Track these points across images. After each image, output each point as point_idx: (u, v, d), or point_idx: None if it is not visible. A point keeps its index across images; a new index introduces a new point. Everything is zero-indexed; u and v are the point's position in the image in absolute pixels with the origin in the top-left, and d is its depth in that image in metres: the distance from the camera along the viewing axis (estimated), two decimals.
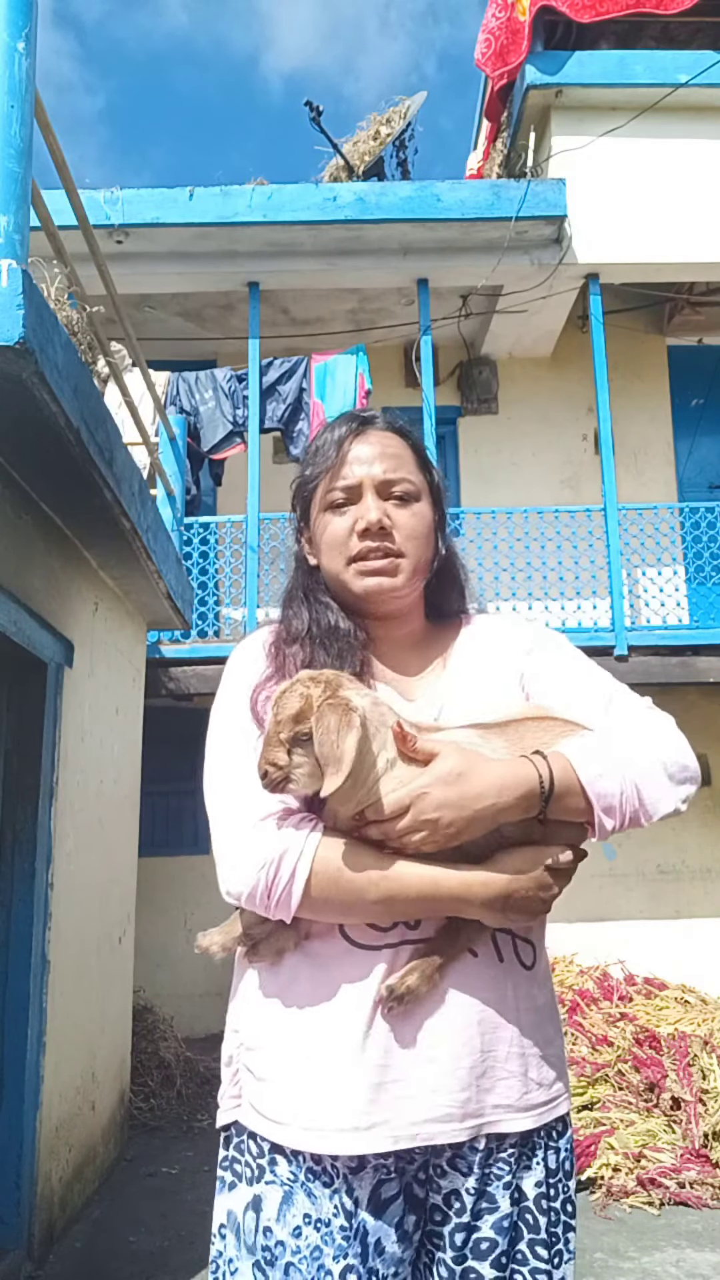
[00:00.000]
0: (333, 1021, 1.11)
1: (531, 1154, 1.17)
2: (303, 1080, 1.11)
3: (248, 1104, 1.17)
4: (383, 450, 1.27)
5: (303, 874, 1.08)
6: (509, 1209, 1.14)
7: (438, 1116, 1.10)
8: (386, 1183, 1.11)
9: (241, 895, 1.10)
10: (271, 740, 1.07)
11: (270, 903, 1.09)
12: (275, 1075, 1.13)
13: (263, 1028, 1.16)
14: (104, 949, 4.24)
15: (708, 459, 8.38)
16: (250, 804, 1.13)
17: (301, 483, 1.31)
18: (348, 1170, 1.10)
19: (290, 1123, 1.11)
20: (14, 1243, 3.14)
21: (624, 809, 1.12)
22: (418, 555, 1.27)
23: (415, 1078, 1.10)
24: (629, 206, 7.15)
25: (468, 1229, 1.13)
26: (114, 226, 6.69)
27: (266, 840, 1.09)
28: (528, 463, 8.21)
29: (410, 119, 7.91)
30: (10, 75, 2.47)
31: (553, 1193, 1.17)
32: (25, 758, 3.43)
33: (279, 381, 7.11)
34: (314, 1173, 1.11)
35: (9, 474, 2.99)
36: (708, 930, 7.30)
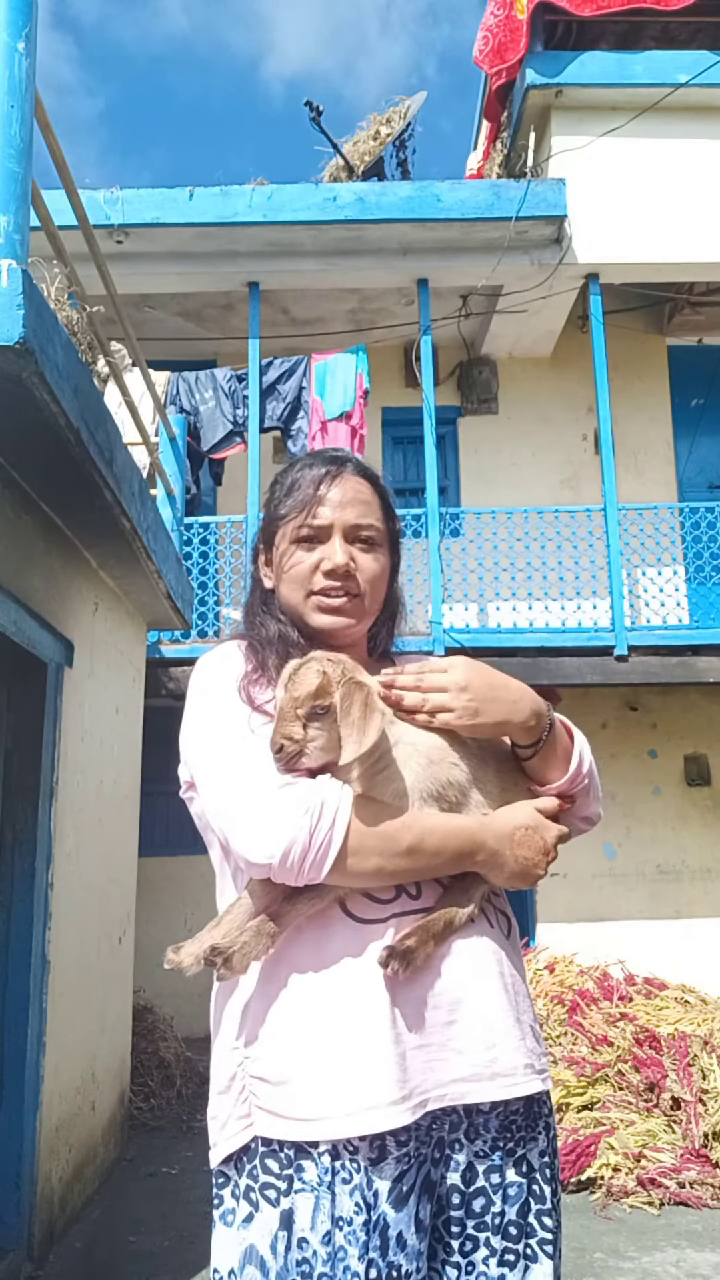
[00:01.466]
0: (346, 999, 1.12)
1: (535, 1123, 1.20)
2: (331, 1067, 1.10)
3: (266, 1115, 1.13)
4: (355, 496, 1.33)
5: (343, 820, 1.10)
6: (516, 1179, 1.17)
7: (466, 1076, 1.12)
8: (406, 1173, 1.11)
9: (278, 852, 1.08)
10: (287, 715, 1.10)
11: (310, 855, 1.08)
12: (297, 1072, 1.11)
13: (271, 1029, 1.14)
14: (104, 949, 4.25)
15: (708, 459, 8.38)
16: (268, 775, 1.14)
17: (273, 513, 1.37)
18: (368, 1162, 1.09)
19: (327, 1115, 1.09)
20: (14, 1243, 3.14)
21: (588, 780, 1.26)
22: (374, 597, 1.35)
23: (438, 1041, 1.12)
24: (629, 206, 7.15)
25: (486, 1196, 1.15)
26: (114, 226, 6.70)
27: (301, 794, 1.11)
28: (528, 463, 8.21)
29: (410, 119, 7.91)
30: (10, 75, 2.47)
31: (548, 1172, 1.21)
32: (25, 758, 3.43)
33: (279, 381, 7.12)
34: (336, 1171, 1.10)
35: (9, 474, 2.99)
36: (708, 930, 7.30)
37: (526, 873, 1.18)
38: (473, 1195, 1.16)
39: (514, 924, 1.29)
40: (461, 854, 1.15)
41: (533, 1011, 1.25)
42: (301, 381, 7.08)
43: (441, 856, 1.14)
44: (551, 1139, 1.24)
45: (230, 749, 1.20)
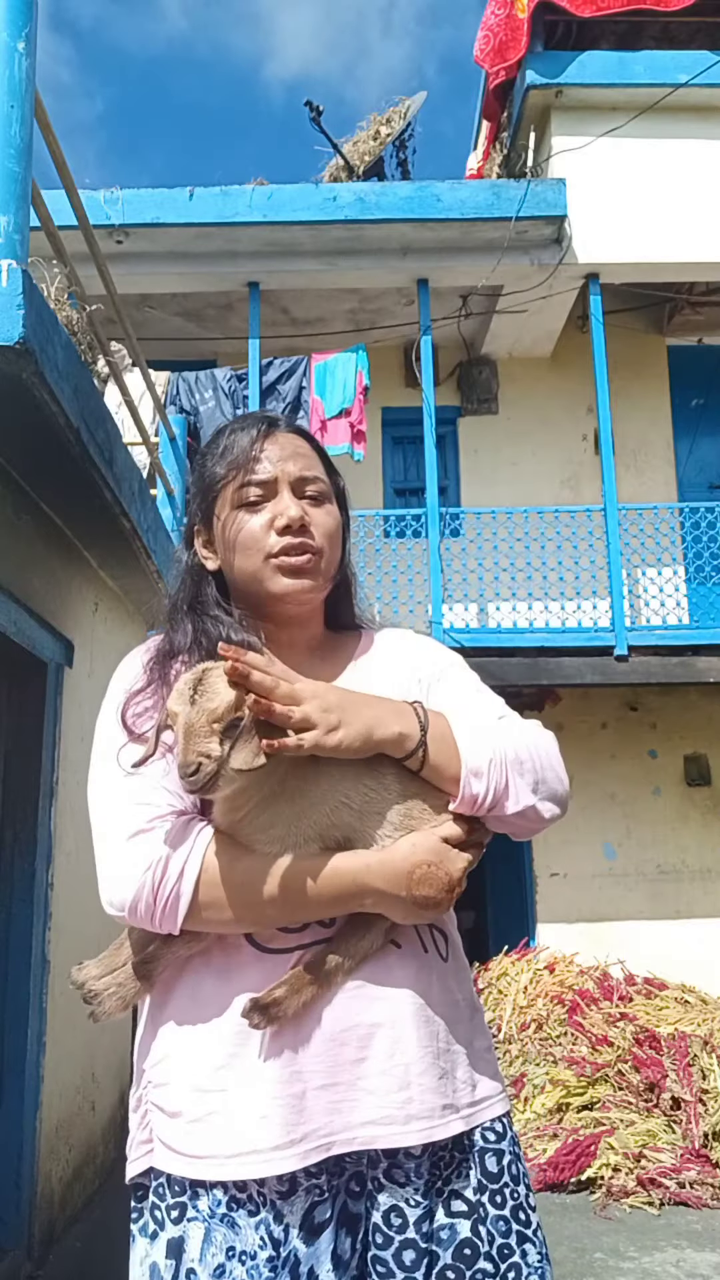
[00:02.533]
0: (244, 1034, 1.04)
1: (465, 1159, 1.10)
2: (218, 1104, 1.04)
3: (160, 1145, 1.07)
4: (295, 450, 1.24)
5: (192, 871, 1.02)
6: (446, 1220, 1.07)
7: (377, 1119, 1.04)
8: (320, 1205, 1.03)
9: (125, 903, 1.04)
10: (199, 730, 0.98)
11: (157, 908, 1.02)
12: (187, 1106, 1.05)
13: (168, 1055, 1.09)
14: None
15: (708, 459, 8.38)
16: (131, 811, 1.08)
17: (207, 482, 1.25)
18: (276, 1195, 1.02)
19: (212, 1154, 1.03)
20: (14, 1243, 3.14)
21: (492, 778, 1.09)
22: (331, 555, 1.25)
23: (346, 1080, 1.04)
24: (629, 206, 7.15)
25: (415, 1248, 1.05)
26: (114, 226, 6.70)
27: (152, 841, 1.05)
28: (528, 463, 8.21)
29: (410, 119, 7.92)
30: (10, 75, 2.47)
31: (499, 1199, 1.10)
32: (25, 758, 3.43)
33: (279, 381, 7.12)
34: (237, 1201, 1.03)
35: (9, 474, 2.99)
36: (708, 930, 7.30)
37: (427, 911, 1.07)
38: (402, 1246, 1.05)
39: (453, 940, 1.19)
40: (341, 899, 1.05)
41: (474, 1035, 1.16)
42: (301, 381, 7.08)
43: (316, 904, 1.05)
44: (500, 1170, 1.12)
45: (102, 782, 1.14)
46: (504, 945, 6.57)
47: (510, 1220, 1.10)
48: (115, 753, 1.13)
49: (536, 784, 1.12)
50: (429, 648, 1.33)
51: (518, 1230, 1.10)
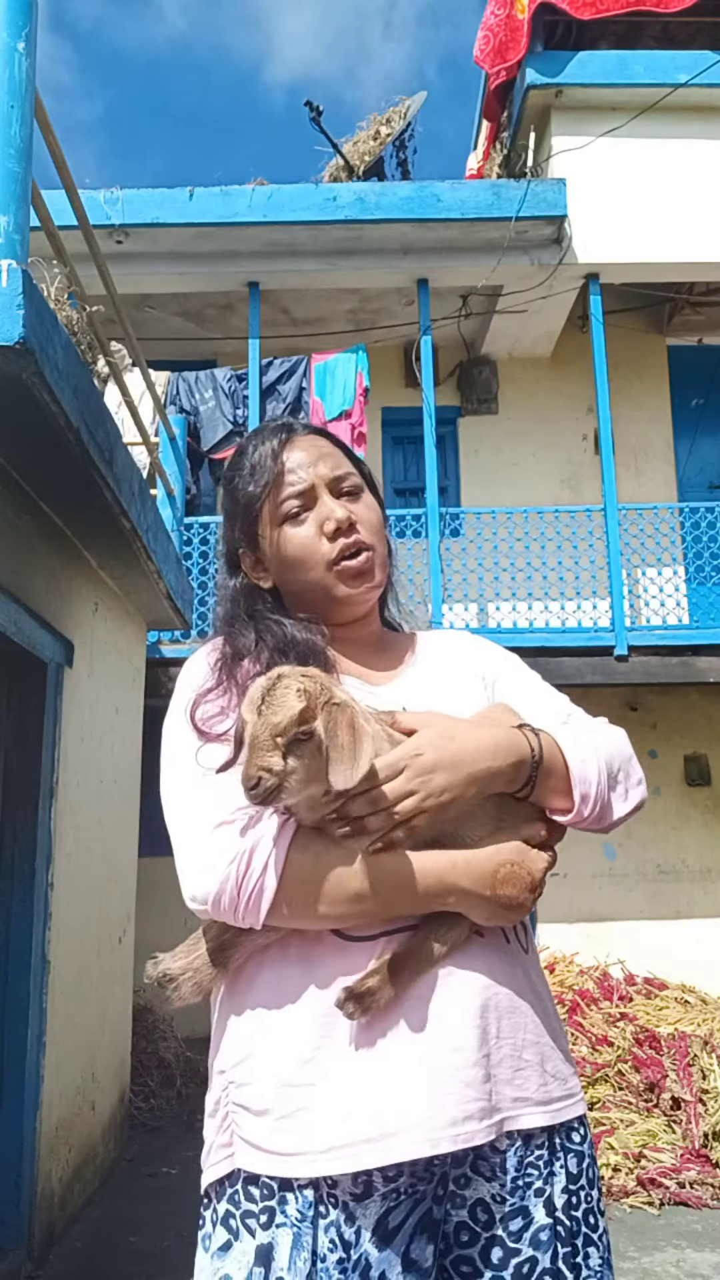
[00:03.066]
0: (328, 1026, 1.02)
1: (554, 1157, 1.08)
2: (306, 1099, 1.01)
3: (245, 1146, 1.04)
4: (320, 451, 1.23)
5: (276, 867, 1.00)
6: (546, 1220, 1.04)
7: (474, 1113, 1.01)
8: (394, 1210, 1.00)
9: (209, 897, 1.01)
10: (263, 745, 0.96)
11: (240, 902, 1.00)
12: (276, 1102, 1.02)
13: (252, 1053, 1.06)
14: (104, 949, 4.24)
15: (708, 459, 8.38)
16: (213, 807, 1.05)
17: (244, 504, 1.23)
18: (350, 1197, 1.00)
19: (302, 1151, 1.00)
20: (14, 1243, 3.14)
21: (597, 799, 1.11)
22: (381, 549, 1.24)
23: (446, 1071, 1.01)
24: (629, 206, 7.15)
25: (503, 1246, 1.03)
26: (114, 226, 6.70)
27: (235, 835, 1.02)
28: (528, 463, 8.21)
29: (410, 119, 7.91)
30: (10, 75, 2.47)
31: (574, 1201, 1.08)
32: (25, 758, 3.43)
33: (279, 381, 7.12)
34: (316, 1206, 1.00)
35: (9, 474, 2.99)
36: (708, 930, 7.30)
37: (511, 911, 1.06)
38: (489, 1243, 1.03)
39: (529, 933, 1.18)
40: (426, 897, 1.03)
41: (558, 1029, 1.14)
42: (301, 382, 7.08)
43: (400, 901, 1.03)
44: (579, 1172, 1.09)
45: (178, 782, 1.11)
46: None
47: (580, 1222, 1.08)
48: (192, 754, 1.10)
49: (628, 791, 1.15)
50: (484, 645, 1.33)
51: (585, 1233, 1.08)
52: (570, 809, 1.10)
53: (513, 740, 1.08)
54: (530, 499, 7.71)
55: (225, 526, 1.29)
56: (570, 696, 1.33)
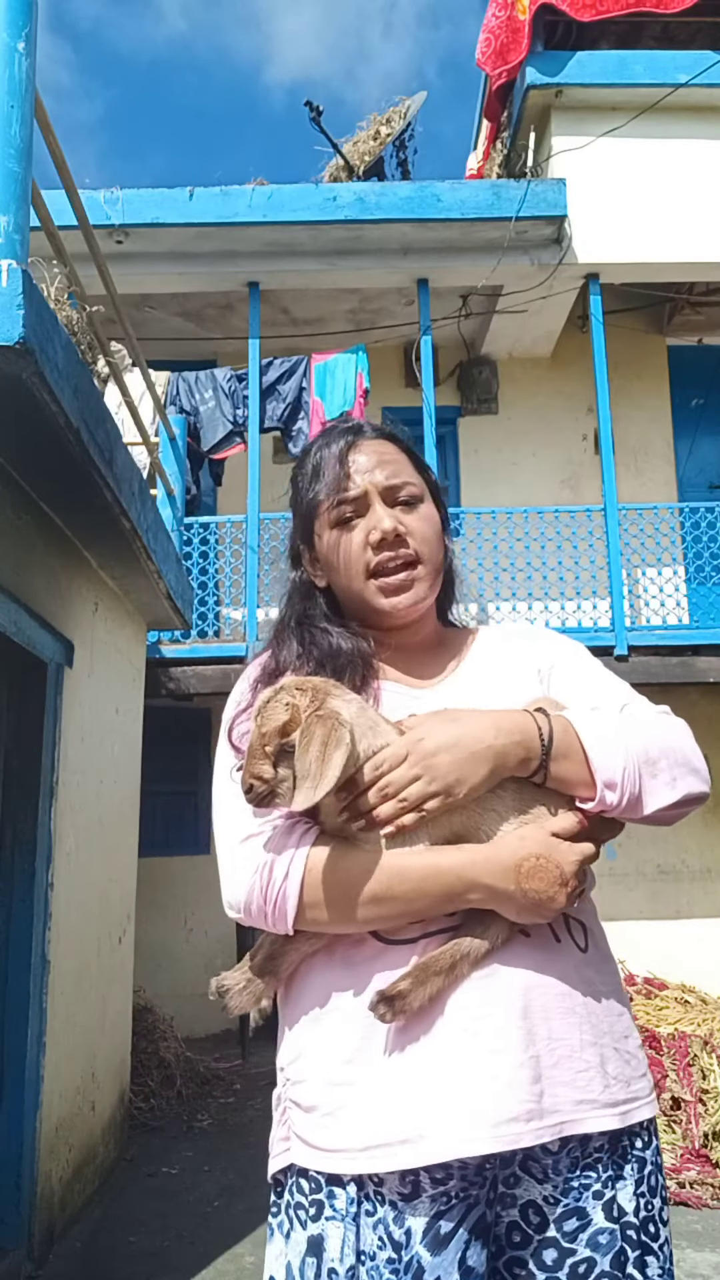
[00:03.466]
0: (368, 1027, 1.04)
1: (623, 1161, 1.06)
2: (348, 1097, 1.03)
3: (297, 1140, 1.08)
4: (380, 458, 1.23)
5: (296, 875, 1.03)
6: (607, 1224, 1.03)
7: (518, 1115, 1.00)
8: (445, 1215, 1.00)
9: (240, 905, 1.07)
10: (255, 753, 1.02)
11: (268, 909, 1.05)
12: (321, 1100, 1.05)
13: (302, 1053, 1.09)
14: (104, 949, 4.24)
15: (708, 459, 8.38)
16: (241, 820, 1.10)
17: (305, 506, 1.25)
18: (398, 1197, 1.00)
19: (344, 1147, 1.02)
20: (14, 1243, 3.14)
21: (626, 786, 1.06)
22: (434, 559, 1.24)
23: (486, 1072, 1.00)
24: (629, 206, 7.15)
25: (558, 1247, 1.02)
26: (114, 226, 6.69)
27: (259, 847, 1.07)
28: (528, 463, 8.21)
29: (410, 119, 7.91)
30: (10, 75, 2.47)
31: (638, 1207, 1.06)
32: (25, 758, 3.43)
33: (279, 381, 7.11)
34: (362, 1202, 1.02)
35: (9, 474, 2.99)
36: (708, 930, 7.30)
37: (541, 906, 1.02)
38: (542, 1245, 1.03)
39: (593, 931, 1.15)
40: (448, 896, 1.03)
41: (626, 1031, 1.13)
42: (302, 382, 7.08)
43: (422, 900, 1.03)
44: (650, 1175, 1.08)
45: (219, 795, 1.17)
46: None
47: (641, 1230, 1.06)
48: (229, 771, 1.16)
49: (674, 780, 1.09)
50: (544, 636, 1.31)
51: (644, 1242, 1.05)
52: (593, 796, 1.07)
53: (517, 721, 1.07)
54: (530, 499, 7.71)
55: (293, 520, 1.30)
56: None
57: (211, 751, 1.28)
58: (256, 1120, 4.93)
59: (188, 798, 7.08)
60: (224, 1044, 6.28)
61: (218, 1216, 3.67)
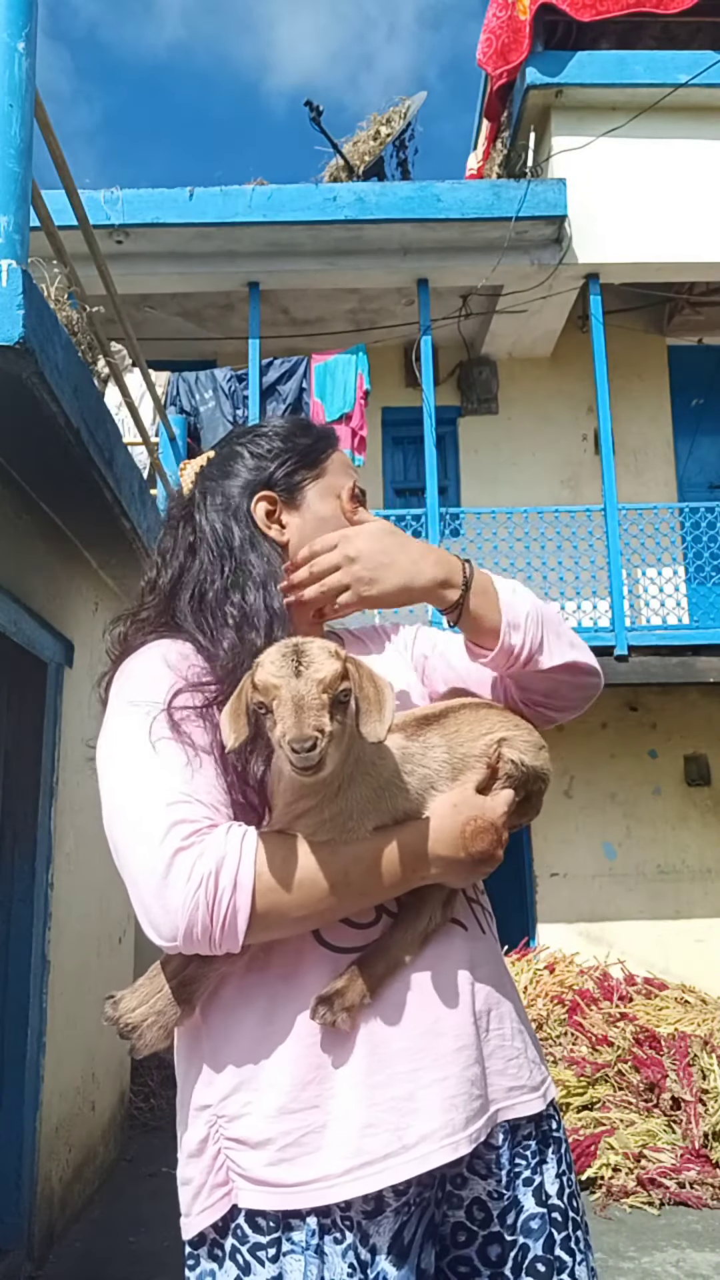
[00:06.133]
0: (328, 1044, 0.98)
1: (545, 1143, 1.08)
2: (313, 1121, 0.96)
3: (245, 1183, 0.97)
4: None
5: (246, 880, 0.92)
6: (537, 1208, 1.04)
7: (478, 1110, 1.00)
8: (407, 1224, 0.98)
9: (178, 932, 0.93)
10: (311, 704, 0.90)
11: (215, 930, 0.92)
12: (275, 1132, 0.96)
13: (242, 1084, 0.99)
14: (104, 949, 4.24)
15: (708, 459, 8.38)
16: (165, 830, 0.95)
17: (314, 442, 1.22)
18: (362, 1216, 0.96)
19: (317, 1178, 0.95)
20: (14, 1243, 3.14)
21: (529, 630, 1.10)
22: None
23: (452, 1073, 0.99)
24: (629, 206, 7.15)
25: (501, 1242, 1.03)
26: (114, 226, 6.70)
27: (194, 857, 0.92)
28: (528, 463, 8.21)
29: (410, 119, 7.91)
30: (10, 75, 2.47)
31: (562, 1186, 1.09)
32: (25, 758, 3.43)
33: (279, 381, 7.12)
34: (324, 1229, 0.96)
35: (9, 474, 2.99)
36: (708, 930, 7.30)
37: (482, 865, 1.01)
38: (486, 1241, 1.03)
39: (490, 915, 1.16)
40: (407, 874, 0.99)
41: (526, 1015, 1.14)
42: (302, 383, 7.08)
43: (381, 885, 0.99)
44: (564, 1152, 1.11)
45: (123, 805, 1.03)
46: (504, 945, 6.57)
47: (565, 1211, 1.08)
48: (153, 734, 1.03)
49: (574, 644, 1.15)
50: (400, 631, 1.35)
51: (570, 1219, 1.08)
52: (496, 638, 1.09)
53: (447, 556, 1.12)
54: (530, 499, 7.71)
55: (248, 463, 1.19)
56: None
57: None
58: None
59: None
60: None
61: None
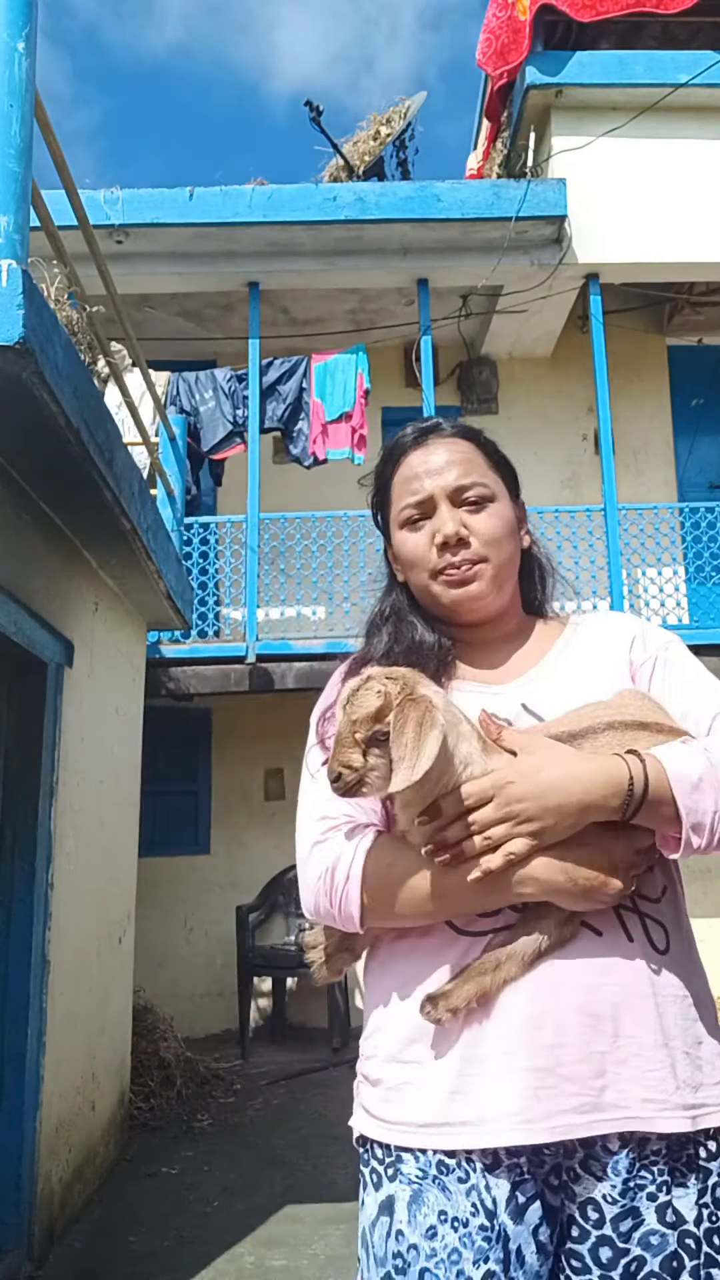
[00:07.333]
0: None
1: (687, 1169, 1.04)
2: (412, 1075, 1.09)
3: (362, 1111, 1.14)
4: (449, 457, 1.25)
5: (356, 878, 1.08)
6: (658, 1226, 1.02)
7: (573, 1107, 1.02)
8: (521, 1184, 1.04)
9: (309, 908, 1.13)
10: (345, 741, 1.02)
11: (334, 912, 1.10)
12: (386, 1075, 1.11)
13: (376, 1030, 1.15)
14: (104, 949, 4.24)
15: (708, 459, 8.38)
16: (313, 824, 1.16)
17: (376, 503, 1.32)
18: (484, 1165, 1.04)
19: (405, 1121, 1.08)
20: (14, 1243, 3.14)
21: (714, 829, 1.03)
22: (500, 559, 1.24)
23: (543, 1065, 1.03)
24: (629, 206, 7.15)
25: (613, 1246, 1.02)
26: (114, 226, 6.69)
27: (325, 851, 1.12)
28: (528, 463, 8.15)
29: (410, 119, 7.91)
30: (10, 75, 2.47)
31: (700, 1217, 1.03)
32: (25, 758, 3.43)
33: (279, 381, 7.12)
34: (445, 1167, 1.04)
35: (9, 474, 2.99)
36: (708, 930, 7.28)
37: (594, 893, 1.03)
38: (598, 1242, 1.03)
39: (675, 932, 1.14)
40: (505, 895, 1.05)
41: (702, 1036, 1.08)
42: (302, 383, 7.08)
43: (474, 897, 1.05)
44: (713, 1185, 1.05)
45: (300, 800, 1.21)
46: None
47: (704, 1241, 1.03)
48: (311, 773, 1.20)
49: None
50: (644, 631, 1.29)
51: (709, 1254, 1.03)
52: (679, 837, 1.04)
53: (610, 772, 1.02)
54: (530, 499, 7.51)
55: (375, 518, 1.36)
56: None
57: (211, 752, 1.30)
58: (256, 1120, 4.94)
59: (188, 798, 7.07)
60: (224, 1044, 6.27)
61: (218, 1216, 3.67)
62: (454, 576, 1.21)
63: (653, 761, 1.04)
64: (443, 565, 1.21)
